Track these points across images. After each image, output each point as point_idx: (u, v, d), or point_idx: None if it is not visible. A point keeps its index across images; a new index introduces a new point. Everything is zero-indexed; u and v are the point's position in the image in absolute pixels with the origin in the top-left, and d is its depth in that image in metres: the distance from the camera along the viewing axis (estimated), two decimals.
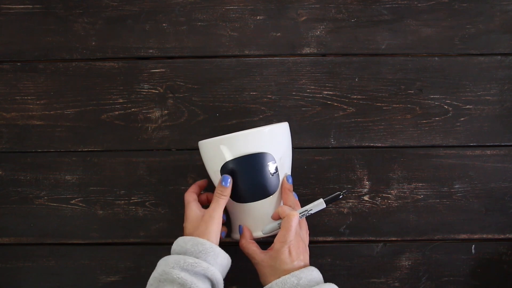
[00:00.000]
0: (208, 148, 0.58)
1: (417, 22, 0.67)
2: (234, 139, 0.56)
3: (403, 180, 0.68)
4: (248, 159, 0.56)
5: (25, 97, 0.68)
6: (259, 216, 0.58)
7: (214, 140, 0.57)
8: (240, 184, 0.57)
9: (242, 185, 0.57)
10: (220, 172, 0.57)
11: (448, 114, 0.67)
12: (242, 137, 0.56)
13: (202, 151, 0.59)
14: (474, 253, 0.68)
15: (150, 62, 0.68)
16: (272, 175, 0.57)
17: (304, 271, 0.53)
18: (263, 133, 0.57)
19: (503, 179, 0.67)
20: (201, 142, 0.59)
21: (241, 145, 0.56)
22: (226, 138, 0.56)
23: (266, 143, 0.56)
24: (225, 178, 0.56)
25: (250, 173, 0.57)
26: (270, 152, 0.56)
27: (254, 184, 0.57)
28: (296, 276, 0.53)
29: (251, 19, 0.67)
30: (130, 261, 0.69)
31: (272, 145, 0.57)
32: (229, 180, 0.57)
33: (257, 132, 0.57)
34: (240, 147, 0.56)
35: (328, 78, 0.67)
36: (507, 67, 0.67)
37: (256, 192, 0.57)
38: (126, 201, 0.68)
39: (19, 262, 0.69)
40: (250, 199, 0.58)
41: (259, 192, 0.57)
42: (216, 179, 0.58)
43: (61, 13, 0.68)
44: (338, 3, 0.67)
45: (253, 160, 0.56)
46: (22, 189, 0.69)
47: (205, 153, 0.59)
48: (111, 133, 0.68)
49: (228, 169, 0.57)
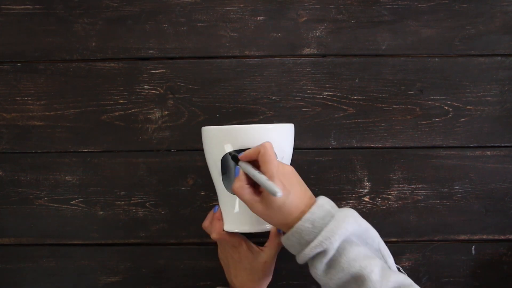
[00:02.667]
0: (211, 136, 0.58)
1: (417, 23, 0.67)
2: (237, 131, 0.56)
3: (403, 181, 0.68)
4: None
5: (25, 98, 0.68)
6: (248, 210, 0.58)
7: (218, 129, 0.57)
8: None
9: None
10: (220, 162, 0.57)
11: (448, 115, 0.67)
12: (246, 130, 0.56)
13: (205, 137, 0.60)
14: (474, 254, 0.68)
15: (150, 63, 0.68)
16: None
17: (315, 210, 0.49)
18: (267, 129, 0.57)
19: (503, 180, 0.67)
20: (204, 128, 0.59)
21: (243, 138, 0.56)
22: (230, 129, 0.57)
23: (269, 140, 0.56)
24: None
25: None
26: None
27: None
28: (309, 220, 0.49)
29: (251, 20, 0.67)
30: (130, 262, 0.69)
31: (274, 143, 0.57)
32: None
33: (261, 127, 0.57)
34: (242, 140, 0.56)
35: (329, 78, 0.67)
36: (507, 68, 0.67)
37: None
38: (126, 201, 0.68)
39: (20, 263, 0.69)
40: None
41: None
42: (215, 169, 0.59)
43: (61, 14, 0.68)
44: (339, 4, 0.67)
45: None
46: (22, 190, 0.69)
47: (207, 140, 0.59)
48: (111, 134, 0.68)
49: (228, 160, 0.57)
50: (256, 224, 0.58)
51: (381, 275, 0.47)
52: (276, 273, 0.64)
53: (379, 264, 0.48)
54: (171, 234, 0.68)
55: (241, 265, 0.61)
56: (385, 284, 0.46)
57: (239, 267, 0.61)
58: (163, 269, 0.69)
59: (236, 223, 0.59)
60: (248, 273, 0.61)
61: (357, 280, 0.47)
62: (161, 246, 0.69)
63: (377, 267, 0.47)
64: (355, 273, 0.47)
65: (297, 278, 0.68)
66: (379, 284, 0.46)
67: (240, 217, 0.59)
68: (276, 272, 0.64)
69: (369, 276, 0.46)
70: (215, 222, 0.60)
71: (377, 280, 0.46)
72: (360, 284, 0.47)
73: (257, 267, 0.60)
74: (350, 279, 0.48)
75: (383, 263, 0.49)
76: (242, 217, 0.58)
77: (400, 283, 0.47)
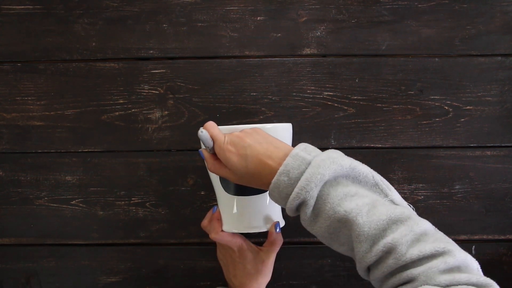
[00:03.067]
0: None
1: (417, 23, 0.67)
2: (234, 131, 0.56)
3: (404, 181, 0.68)
4: None
5: (26, 98, 0.68)
6: (247, 211, 0.59)
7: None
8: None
9: None
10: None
11: (448, 115, 0.67)
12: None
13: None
14: (474, 254, 0.68)
15: (151, 63, 0.68)
16: None
17: (289, 162, 0.46)
18: (264, 129, 0.57)
19: (503, 180, 0.67)
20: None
21: None
22: (227, 129, 0.57)
23: None
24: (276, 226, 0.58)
25: None
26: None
27: None
28: (283, 173, 0.46)
29: (251, 20, 0.67)
30: (130, 262, 0.69)
31: None
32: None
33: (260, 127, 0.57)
34: None
35: (329, 78, 0.67)
36: (507, 68, 0.67)
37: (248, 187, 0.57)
38: (127, 201, 0.68)
39: (20, 263, 0.69)
40: (241, 193, 0.58)
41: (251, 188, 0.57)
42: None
43: (61, 14, 0.68)
44: (339, 4, 0.67)
45: None
46: (22, 190, 0.69)
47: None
48: (111, 134, 0.68)
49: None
50: (254, 225, 0.58)
51: (369, 215, 0.43)
52: (276, 273, 0.64)
53: (366, 202, 0.44)
54: (171, 234, 0.68)
55: (240, 265, 0.61)
56: (374, 224, 0.42)
57: (238, 267, 0.61)
58: (163, 269, 0.69)
59: (234, 223, 0.59)
60: (247, 272, 0.61)
61: (345, 224, 0.44)
62: (161, 246, 0.69)
63: (365, 207, 0.44)
64: (341, 218, 0.44)
65: (297, 278, 0.68)
66: (367, 226, 0.42)
67: (239, 218, 0.59)
68: (276, 272, 0.64)
69: (355, 219, 0.43)
70: (214, 222, 0.60)
71: (364, 222, 0.43)
72: (349, 228, 0.44)
73: (256, 267, 0.60)
74: (339, 224, 0.45)
75: (375, 199, 0.45)
76: (240, 218, 0.59)
77: (394, 218, 0.42)
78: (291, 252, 0.68)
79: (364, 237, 0.42)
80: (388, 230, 0.42)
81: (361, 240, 0.43)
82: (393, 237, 0.41)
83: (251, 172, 0.49)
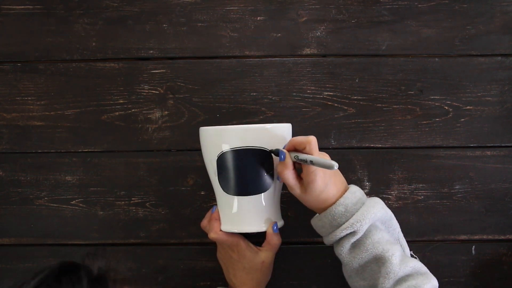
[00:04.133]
0: (208, 136, 0.58)
1: (417, 23, 0.67)
2: (234, 131, 0.57)
3: (403, 181, 0.68)
4: (245, 152, 0.56)
5: (26, 98, 0.68)
6: (245, 211, 0.59)
7: (214, 129, 0.58)
8: (233, 176, 0.57)
9: (235, 178, 0.57)
10: (216, 162, 0.58)
11: (448, 115, 0.67)
12: (242, 130, 0.57)
13: (202, 137, 0.60)
14: (474, 254, 0.68)
15: (151, 63, 0.68)
16: (267, 173, 0.57)
17: (348, 196, 0.54)
18: (264, 129, 0.57)
19: (504, 180, 0.67)
20: (202, 128, 0.59)
21: (240, 138, 0.56)
22: (226, 129, 0.57)
23: (266, 140, 0.57)
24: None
25: (245, 167, 0.57)
26: (269, 150, 0.56)
27: (247, 178, 0.57)
28: (342, 205, 0.54)
29: (251, 20, 0.67)
30: (130, 262, 0.69)
31: (271, 144, 0.57)
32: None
33: (259, 128, 0.57)
34: (239, 140, 0.56)
35: (329, 79, 0.67)
36: (507, 68, 0.67)
37: (247, 187, 0.57)
38: (127, 201, 0.68)
39: (20, 263, 0.69)
40: (240, 193, 0.58)
41: (250, 188, 0.57)
42: (211, 169, 0.59)
43: (61, 14, 0.68)
44: (339, 4, 0.67)
45: (250, 154, 0.56)
46: (22, 190, 0.69)
47: (204, 140, 0.59)
48: (111, 134, 0.68)
49: (223, 160, 0.57)
50: (253, 225, 0.59)
51: (401, 260, 0.52)
52: (276, 273, 0.64)
53: (399, 249, 0.53)
54: (171, 234, 0.68)
55: (240, 264, 0.61)
56: (403, 268, 0.51)
57: (237, 267, 0.61)
58: (163, 269, 0.69)
59: (233, 223, 0.59)
60: (247, 272, 0.61)
61: (378, 261, 0.53)
62: (161, 246, 0.69)
63: (398, 252, 0.53)
64: (378, 255, 0.53)
65: (297, 278, 0.68)
66: (398, 267, 0.51)
67: (238, 218, 0.59)
68: (276, 272, 0.64)
69: (390, 258, 0.52)
70: (213, 222, 0.60)
71: (397, 263, 0.52)
72: (381, 265, 0.52)
73: (255, 267, 0.60)
74: (372, 259, 0.53)
75: (402, 250, 0.54)
76: (239, 218, 0.59)
77: (417, 269, 0.52)
78: (291, 252, 0.68)
79: (393, 275, 0.51)
80: (411, 277, 0.51)
81: (390, 277, 0.51)
82: (416, 283, 0.50)
83: (322, 198, 0.54)
